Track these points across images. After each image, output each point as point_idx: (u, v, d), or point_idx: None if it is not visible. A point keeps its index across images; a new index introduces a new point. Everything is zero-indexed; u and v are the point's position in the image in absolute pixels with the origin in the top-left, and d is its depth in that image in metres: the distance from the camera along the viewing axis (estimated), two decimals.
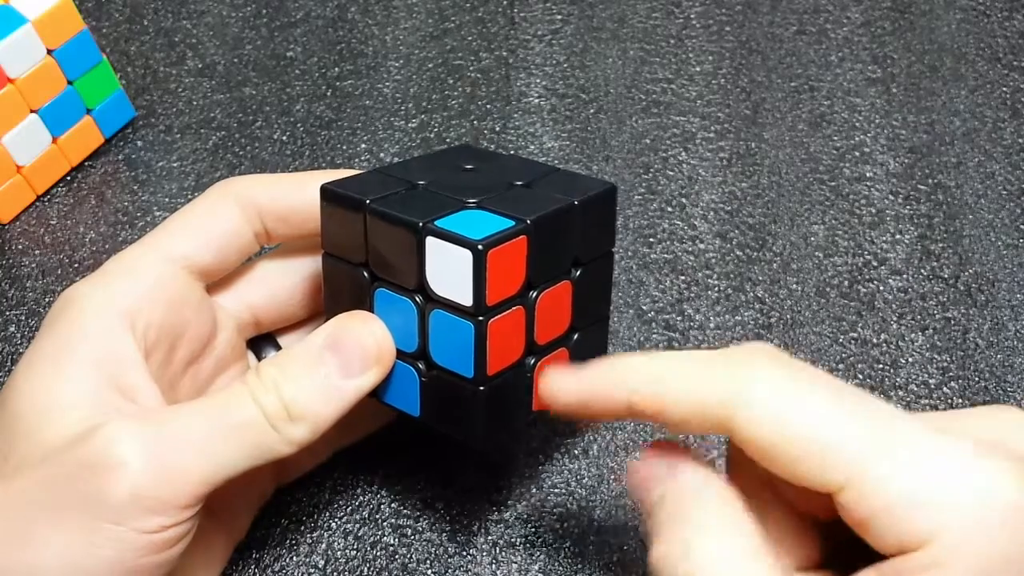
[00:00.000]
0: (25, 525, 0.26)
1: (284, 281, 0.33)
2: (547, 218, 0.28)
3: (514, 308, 0.28)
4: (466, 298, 0.27)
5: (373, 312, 0.29)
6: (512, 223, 0.27)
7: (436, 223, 0.27)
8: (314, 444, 0.28)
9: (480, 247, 0.26)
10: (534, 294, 0.28)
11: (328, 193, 0.29)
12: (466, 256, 0.26)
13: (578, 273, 0.30)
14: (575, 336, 0.31)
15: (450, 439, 0.30)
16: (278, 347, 0.34)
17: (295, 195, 0.31)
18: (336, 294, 0.30)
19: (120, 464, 0.25)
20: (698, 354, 0.24)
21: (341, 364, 0.28)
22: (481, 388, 0.28)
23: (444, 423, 0.29)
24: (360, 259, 0.29)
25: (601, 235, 0.31)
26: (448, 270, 0.27)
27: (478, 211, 0.28)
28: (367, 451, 0.35)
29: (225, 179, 0.32)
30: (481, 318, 0.27)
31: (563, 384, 0.27)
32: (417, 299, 0.28)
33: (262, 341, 0.34)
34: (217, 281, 0.32)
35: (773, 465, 0.23)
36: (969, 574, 0.21)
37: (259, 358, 0.34)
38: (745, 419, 0.23)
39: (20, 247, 0.42)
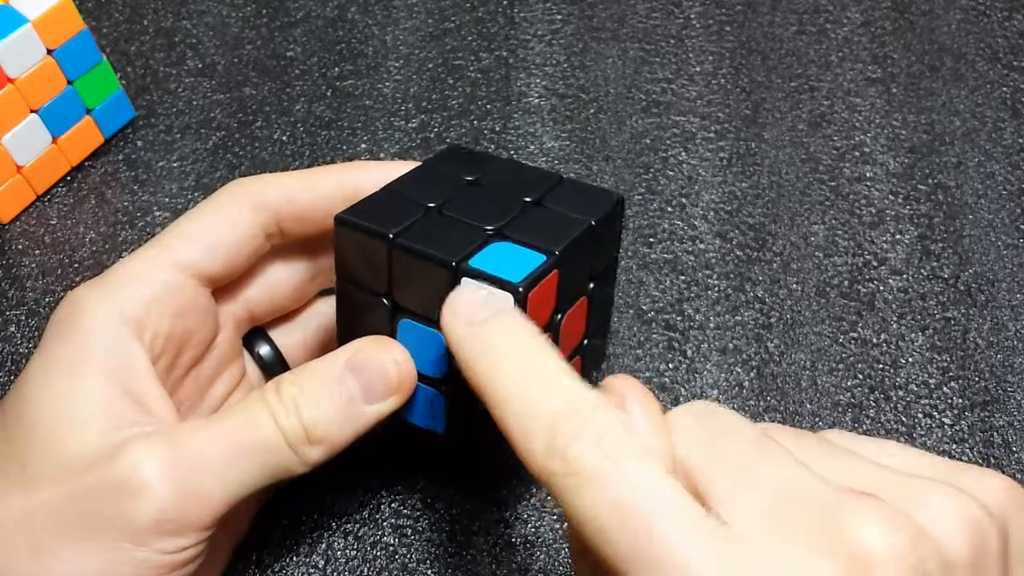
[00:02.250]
0: (44, 539, 0.26)
1: (278, 275, 0.33)
2: (572, 245, 0.28)
3: (544, 333, 0.28)
4: None
5: (394, 338, 0.29)
6: (543, 258, 0.27)
7: (471, 263, 0.27)
8: None
9: (521, 289, 0.26)
10: (560, 317, 0.29)
11: (346, 223, 0.28)
12: (506, 299, 0.26)
13: (592, 286, 0.30)
14: (586, 342, 0.31)
15: (473, 452, 0.30)
16: (269, 340, 0.34)
17: (310, 194, 0.31)
18: (353, 320, 0.30)
19: (145, 488, 0.25)
20: (547, 393, 0.23)
21: (363, 389, 0.28)
22: None
23: (473, 442, 0.29)
24: (381, 289, 0.29)
25: (611, 245, 0.31)
26: None
27: (505, 244, 0.28)
28: (367, 451, 0.35)
29: (238, 179, 0.31)
30: None
31: (454, 325, 0.25)
32: None
33: (254, 335, 0.34)
34: None
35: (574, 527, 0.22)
36: None
37: (251, 353, 0.34)
38: (552, 493, 0.22)
39: (20, 247, 0.42)
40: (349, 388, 0.28)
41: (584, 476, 0.22)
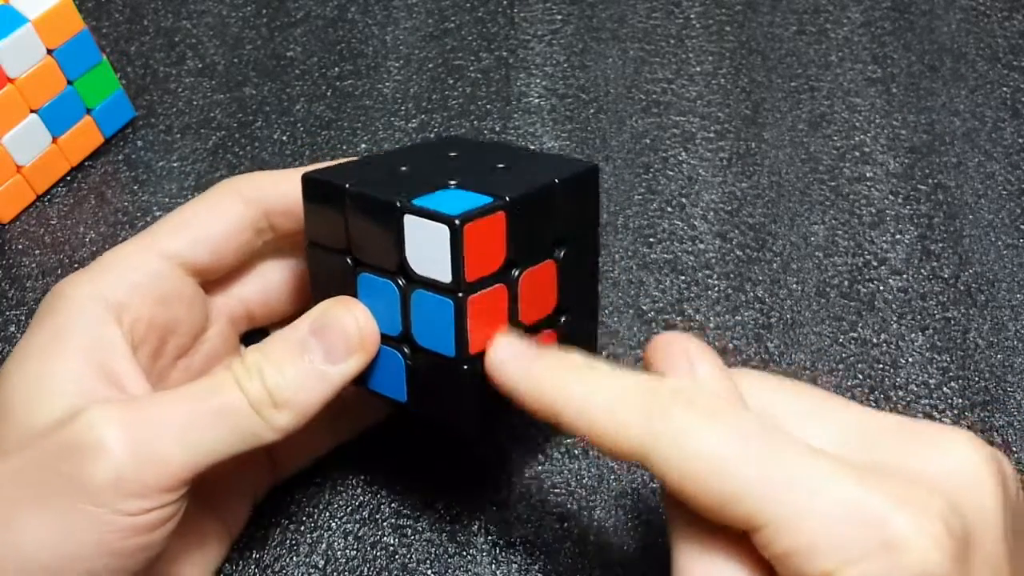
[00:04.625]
0: (8, 506, 0.26)
1: (277, 275, 0.33)
2: (527, 195, 0.28)
3: (495, 286, 0.28)
4: (445, 275, 0.27)
5: (357, 298, 0.29)
6: (490, 200, 0.27)
7: (413, 202, 0.27)
8: (308, 439, 0.28)
9: (457, 222, 0.26)
10: (516, 272, 0.28)
11: (309, 181, 0.29)
12: (443, 231, 0.26)
13: (562, 253, 0.30)
14: (563, 318, 0.31)
15: (442, 428, 0.30)
16: None
17: (300, 189, 0.31)
18: (321, 283, 0.30)
19: (100, 447, 0.25)
20: (623, 383, 0.25)
21: (325, 349, 0.28)
22: (465, 367, 0.28)
23: (431, 408, 0.29)
24: (342, 245, 0.29)
25: (585, 215, 0.31)
26: (427, 248, 0.27)
27: (457, 190, 0.28)
28: (367, 451, 0.35)
29: (230, 177, 0.32)
30: (460, 294, 0.27)
31: (505, 368, 0.27)
32: (399, 281, 0.28)
33: (256, 337, 0.34)
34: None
35: (692, 505, 0.24)
36: None
37: None
38: (656, 465, 0.24)
39: (20, 247, 0.42)
40: (312, 350, 0.28)
41: (695, 422, 0.23)
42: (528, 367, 0.27)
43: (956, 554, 0.22)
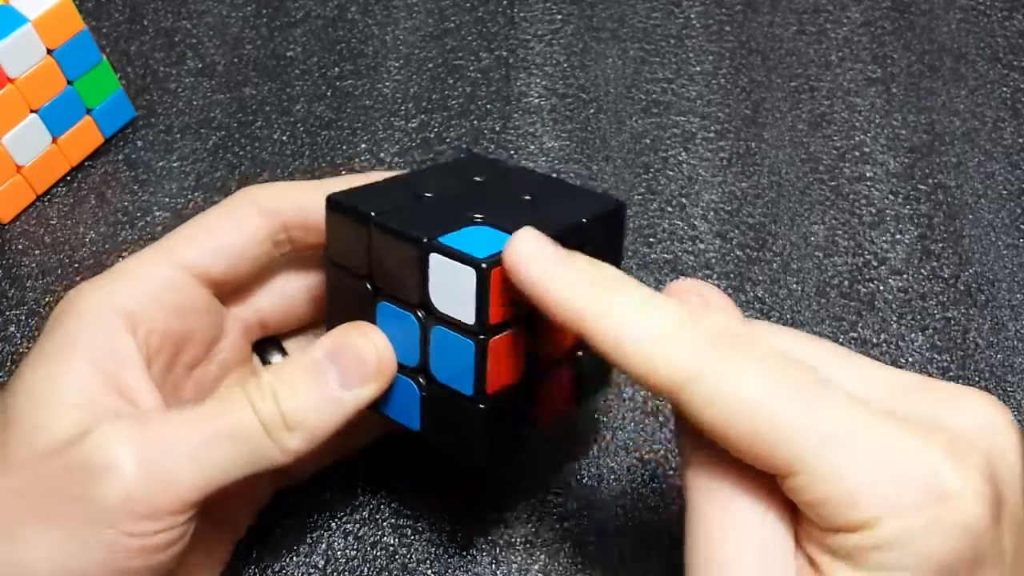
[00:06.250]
0: (15, 523, 0.26)
1: (291, 285, 0.33)
2: (554, 239, 0.27)
3: (516, 327, 0.27)
4: (468, 316, 0.26)
5: (375, 324, 0.29)
6: None
7: (440, 239, 0.27)
8: (314, 453, 0.28)
9: (484, 265, 0.26)
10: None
11: (334, 204, 0.29)
12: (469, 274, 0.26)
13: None
14: (579, 354, 0.31)
15: (453, 459, 0.30)
16: (283, 351, 0.34)
17: (320, 203, 0.31)
18: (338, 303, 0.30)
19: (112, 467, 0.25)
20: (662, 312, 0.24)
21: (341, 375, 0.28)
22: (481, 406, 0.27)
23: (444, 439, 0.29)
24: (364, 271, 0.29)
25: (609, 252, 0.31)
26: (451, 287, 0.26)
27: (484, 228, 0.28)
28: (367, 451, 0.35)
29: (249, 186, 0.31)
30: (482, 337, 0.27)
31: (528, 267, 0.25)
32: (419, 314, 0.28)
33: (267, 344, 0.34)
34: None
35: (724, 444, 0.23)
36: (909, 559, 0.21)
37: (264, 362, 0.34)
38: (693, 400, 0.23)
39: (20, 247, 0.42)
40: (328, 375, 0.27)
41: (738, 362, 0.23)
42: (555, 271, 0.25)
43: (993, 510, 0.21)
